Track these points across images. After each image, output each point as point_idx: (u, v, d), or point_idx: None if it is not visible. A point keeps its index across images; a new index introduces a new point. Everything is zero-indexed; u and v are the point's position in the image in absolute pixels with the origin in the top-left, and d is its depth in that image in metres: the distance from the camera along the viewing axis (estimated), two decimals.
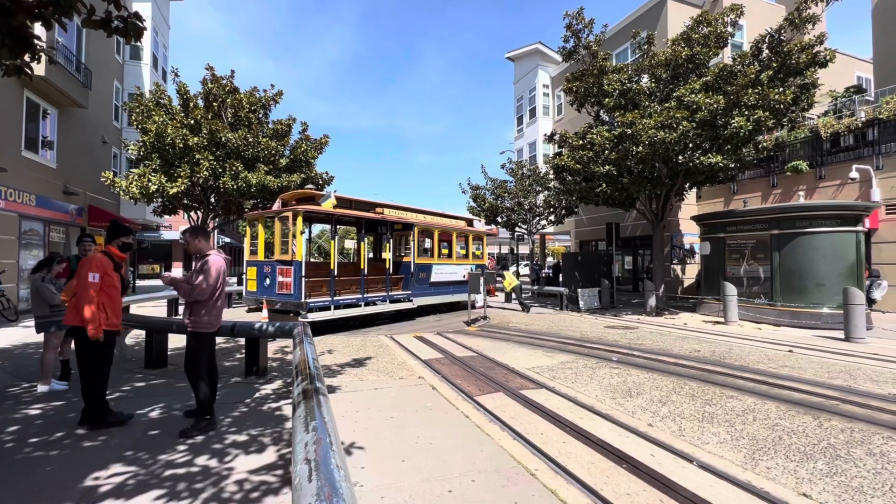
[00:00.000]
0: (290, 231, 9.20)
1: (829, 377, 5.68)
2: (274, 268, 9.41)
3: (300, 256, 9.04)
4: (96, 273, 3.74)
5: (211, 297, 3.76)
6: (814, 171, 13.57)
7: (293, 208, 9.31)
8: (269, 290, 9.44)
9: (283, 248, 9.47)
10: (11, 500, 2.58)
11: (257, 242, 10.27)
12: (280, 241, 9.62)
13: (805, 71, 10.22)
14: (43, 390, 4.72)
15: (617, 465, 3.21)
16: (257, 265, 9.91)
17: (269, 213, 10.12)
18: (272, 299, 9.30)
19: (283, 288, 9.17)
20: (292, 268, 9.07)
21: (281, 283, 9.18)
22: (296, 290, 9.02)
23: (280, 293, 9.21)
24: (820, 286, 10.02)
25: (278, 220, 9.64)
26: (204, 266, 3.72)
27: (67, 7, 2.86)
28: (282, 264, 9.27)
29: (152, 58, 19.41)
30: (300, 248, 9.04)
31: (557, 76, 24.04)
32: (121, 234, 4.09)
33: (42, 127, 12.58)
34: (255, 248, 10.37)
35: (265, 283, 9.58)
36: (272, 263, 9.53)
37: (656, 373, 5.92)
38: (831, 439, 3.68)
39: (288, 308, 9.16)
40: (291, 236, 9.12)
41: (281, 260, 9.37)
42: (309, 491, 1.27)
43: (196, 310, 3.74)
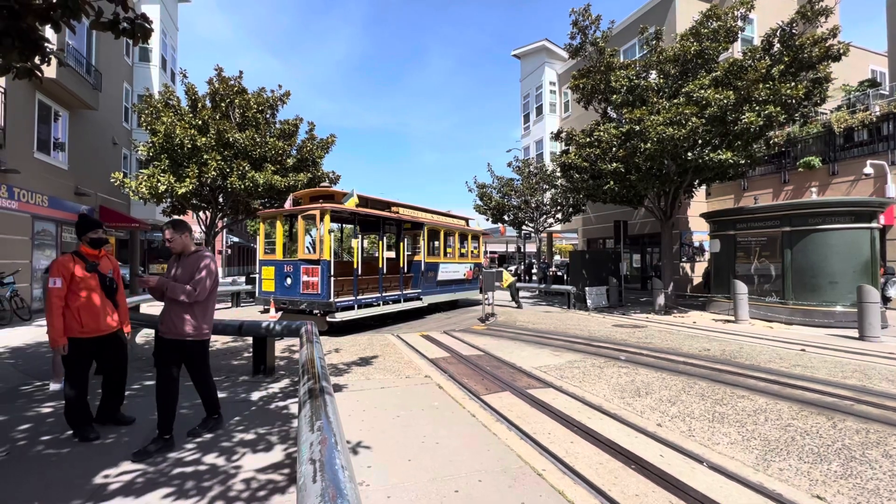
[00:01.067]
0: (316, 229, 8.99)
1: (843, 377, 5.58)
2: (297, 267, 9.08)
3: (328, 255, 8.83)
4: (56, 278, 3.39)
5: (209, 298, 3.50)
6: (827, 167, 13.34)
7: (321, 206, 9.04)
8: (291, 291, 9.13)
9: (307, 246, 9.23)
10: (24, 496, 2.61)
11: (274, 241, 9.91)
12: (304, 239, 9.38)
13: (818, 65, 10.03)
14: (55, 388, 4.75)
15: (625, 466, 3.18)
16: (275, 265, 9.54)
17: (290, 210, 9.72)
18: (295, 299, 9.03)
19: (308, 288, 8.86)
20: (320, 267, 8.78)
21: (307, 283, 8.88)
22: (323, 289, 8.74)
23: (305, 293, 8.91)
24: (833, 284, 9.85)
25: (302, 218, 9.29)
26: (201, 263, 3.43)
27: (76, 9, 2.88)
28: (307, 263, 8.94)
29: (161, 59, 19.59)
30: (328, 246, 8.84)
31: (564, 73, 23.88)
32: (87, 228, 3.65)
33: (54, 129, 12.75)
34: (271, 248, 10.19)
35: (285, 283, 9.24)
36: (295, 263, 9.19)
37: (665, 372, 5.86)
38: (846, 440, 3.61)
39: (314, 308, 8.88)
40: (318, 235, 8.90)
41: (307, 259, 9.05)
42: (313, 491, 1.26)
43: (194, 313, 3.41)
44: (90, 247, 3.63)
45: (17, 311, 10.11)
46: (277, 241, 9.85)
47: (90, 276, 3.52)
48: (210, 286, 3.44)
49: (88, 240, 3.62)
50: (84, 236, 3.63)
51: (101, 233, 3.69)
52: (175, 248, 3.49)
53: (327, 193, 10.26)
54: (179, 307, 3.37)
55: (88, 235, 3.62)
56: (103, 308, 3.59)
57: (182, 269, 3.43)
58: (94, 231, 3.65)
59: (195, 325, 3.41)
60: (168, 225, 3.51)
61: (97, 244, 3.66)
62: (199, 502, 2.56)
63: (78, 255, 3.56)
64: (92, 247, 3.64)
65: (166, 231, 3.48)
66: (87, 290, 3.48)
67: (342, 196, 9.92)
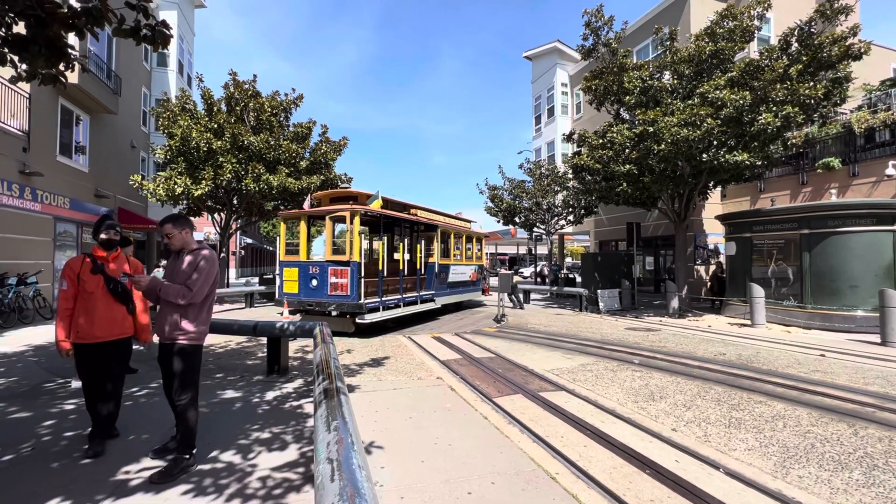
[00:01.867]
0: (347, 230, 8.91)
1: (864, 383, 5.44)
2: (324, 269, 8.94)
3: (357, 257, 8.73)
4: (63, 279, 3.24)
5: (206, 299, 3.18)
6: (846, 168, 13.04)
7: (351, 207, 8.98)
8: (317, 292, 8.97)
9: (334, 247, 9.08)
10: (48, 492, 2.68)
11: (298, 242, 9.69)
12: (332, 240, 9.29)
13: (837, 64, 9.83)
14: (77, 386, 4.91)
15: (640, 471, 3.15)
16: (300, 266, 9.32)
17: (317, 211, 9.61)
18: (322, 301, 8.87)
19: (337, 289, 8.74)
20: (349, 269, 8.69)
21: (335, 285, 8.76)
22: (353, 291, 8.64)
23: (333, 295, 8.78)
24: (854, 288, 9.62)
25: (330, 219, 9.18)
26: (200, 261, 3.12)
27: (99, 17, 2.96)
28: (336, 265, 8.83)
29: (178, 64, 19.99)
30: (357, 248, 8.75)
31: (576, 75, 23.75)
32: (98, 229, 3.43)
33: (75, 133, 13.10)
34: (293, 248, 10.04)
35: (310, 284, 9.06)
36: (322, 264, 9.05)
37: (680, 376, 5.78)
38: (868, 448, 3.52)
39: (343, 310, 8.77)
40: (349, 236, 8.82)
41: (336, 260, 8.93)
42: (332, 490, 1.28)
43: (189, 316, 3.08)
44: (101, 248, 3.43)
45: (40, 310, 10.40)
46: (301, 242, 9.67)
47: (95, 278, 3.30)
48: (208, 287, 3.15)
49: (99, 240, 3.42)
50: (97, 236, 3.45)
51: (112, 233, 3.44)
52: (174, 245, 3.22)
53: (349, 194, 10.16)
54: (171, 309, 3.09)
55: (100, 235, 3.42)
56: (106, 314, 3.31)
57: (180, 268, 3.15)
58: (105, 231, 3.42)
59: (185, 329, 3.08)
60: (167, 220, 3.21)
61: (108, 245, 3.43)
62: (218, 499, 2.60)
63: (90, 257, 3.39)
64: (103, 248, 3.42)
65: (165, 226, 3.18)
66: (88, 293, 3.27)
67: (366, 197, 9.86)
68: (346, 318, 8.96)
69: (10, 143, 10.28)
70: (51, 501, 2.57)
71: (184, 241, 3.20)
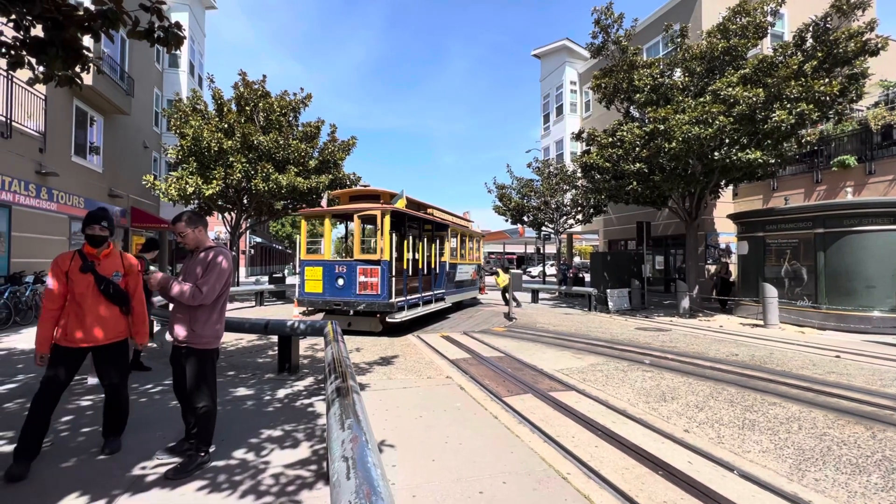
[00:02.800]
0: (378, 230, 8.86)
1: (882, 385, 5.34)
2: (353, 268, 8.81)
3: (388, 256, 8.70)
4: (50, 277, 2.98)
5: (218, 301, 3.06)
6: (863, 166, 12.79)
7: (382, 206, 8.95)
8: (345, 292, 8.82)
9: (363, 246, 8.98)
10: (66, 486, 2.73)
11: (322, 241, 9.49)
12: (360, 239, 9.22)
13: (853, 60, 9.65)
14: (93, 382, 4.98)
15: (652, 472, 3.12)
16: (324, 265, 9.10)
17: (344, 209, 9.45)
18: (350, 301, 8.76)
19: (367, 289, 8.67)
20: (380, 268, 8.62)
21: (364, 284, 8.67)
22: (383, 290, 8.58)
23: (363, 294, 8.69)
24: (870, 288, 9.44)
25: (358, 217, 9.05)
26: (213, 261, 2.99)
27: (115, 20, 3.00)
28: (365, 264, 8.76)
29: (189, 65, 20.22)
30: (388, 247, 8.72)
31: (585, 73, 23.59)
32: (84, 224, 3.13)
33: (89, 133, 13.32)
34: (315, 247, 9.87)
35: (336, 284, 8.89)
36: (349, 263, 8.91)
37: (692, 377, 5.72)
38: (886, 451, 3.46)
39: (374, 309, 8.70)
40: (379, 235, 8.78)
41: (365, 259, 8.86)
42: (348, 488, 1.29)
43: (200, 318, 2.99)
44: (89, 244, 3.12)
45: None
46: (325, 241, 9.50)
47: (84, 277, 3.04)
48: (220, 288, 3.01)
49: (86, 236, 3.12)
50: (83, 232, 3.15)
51: (98, 229, 3.12)
52: (188, 245, 3.09)
53: (370, 193, 10.07)
54: (182, 309, 3.01)
55: (86, 231, 3.12)
56: (94, 316, 3.05)
57: (193, 268, 3.04)
58: (91, 227, 3.10)
59: (197, 332, 2.98)
60: (178, 218, 3.08)
61: (95, 241, 3.12)
62: (232, 495, 2.63)
63: (80, 254, 3.11)
64: (90, 244, 3.11)
65: (177, 225, 3.05)
66: (76, 293, 3.01)
67: (388, 196, 9.82)
68: (373, 318, 8.93)
69: (26, 144, 10.48)
70: (69, 496, 2.61)
71: (197, 240, 3.09)
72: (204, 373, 3.02)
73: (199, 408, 2.98)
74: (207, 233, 3.22)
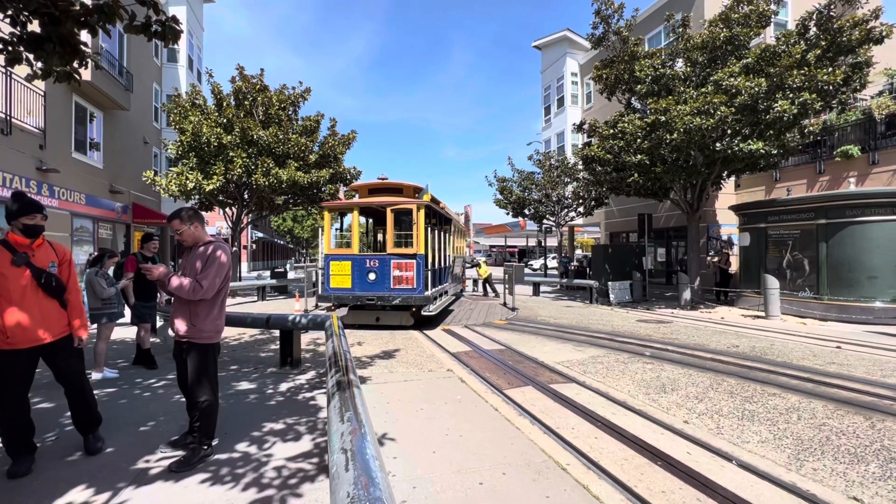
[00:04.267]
0: (414, 223, 8.81)
1: (882, 375, 5.35)
2: (386, 262, 8.76)
3: (423, 250, 8.73)
4: None
5: (218, 295, 3.05)
6: (866, 156, 12.69)
7: (417, 201, 8.97)
8: (377, 286, 8.76)
9: (396, 241, 9.01)
10: (72, 479, 2.77)
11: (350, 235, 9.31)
12: (394, 233, 9.08)
13: (857, 49, 9.55)
14: (97, 378, 5.03)
15: (651, 462, 3.14)
16: (353, 259, 8.93)
17: (376, 203, 9.32)
18: (384, 295, 8.70)
19: (402, 283, 8.67)
20: (415, 261, 8.63)
21: (399, 278, 8.67)
22: (419, 284, 8.64)
23: (397, 288, 8.68)
24: (872, 279, 9.42)
25: (391, 211, 8.93)
26: (212, 255, 2.97)
27: (111, 14, 2.99)
28: (401, 258, 8.71)
29: (188, 59, 20.12)
30: (423, 240, 8.76)
31: (586, 64, 23.39)
32: (20, 213, 2.81)
33: (89, 129, 13.30)
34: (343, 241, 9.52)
35: (367, 278, 8.81)
36: (382, 258, 8.86)
37: (692, 368, 5.74)
38: (885, 441, 3.47)
39: (410, 303, 8.70)
40: (415, 229, 8.77)
41: (401, 254, 8.79)
42: (346, 479, 1.31)
43: (200, 313, 2.98)
44: (23, 235, 2.83)
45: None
46: (353, 236, 9.27)
47: (18, 271, 2.76)
48: (220, 283, 3.00)
49: (21, 226, 2.81)
50: (16, 221, 2.81)
51: (40, 218, 2.88)
52: (186, 241, 3.07)
53: (391, 186, 9.94)
54: (184, 305, 3.01)
55: (21, 221, 2.80)
56: (37, 312, 2.82)
57: (192, 263, 3.03)
58: (31, 216, 2.82)
59: (198, 327, 2.98)
60: (174, 216, 3.02)
61: (32, 232, 2.85)
62: (234, 487, 2.67)
63: (4, 245, 2.78)
64: (25, 235, 2.83)
65: (173, 222, 3.00)
66: (11, 290, 2.73)
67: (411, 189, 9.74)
68: (404, 312, 8.92)
69: (27, 141, 10.48)
70: (75, 488, 2.65)
71: (195, 236, 3.07)
72: (205, 367, 3.03)
73: (200, 402, 3.00)
74: (204, 228, 3.19)
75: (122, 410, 4.07)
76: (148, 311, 5.74)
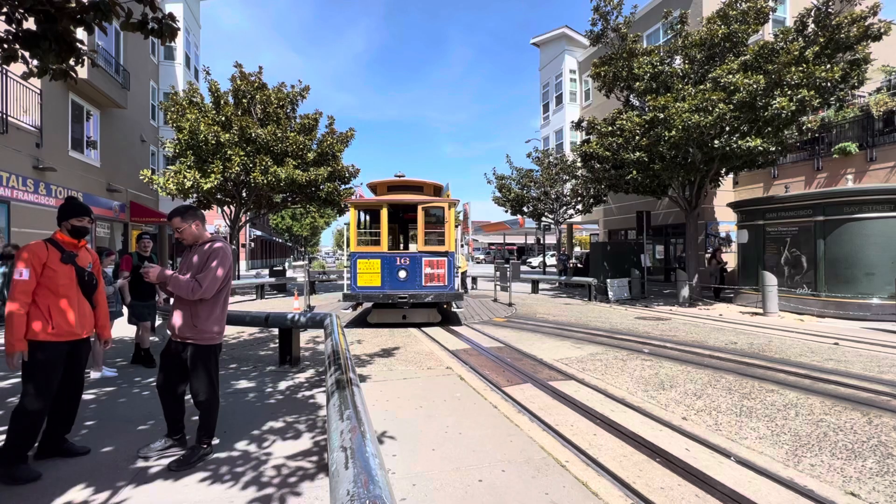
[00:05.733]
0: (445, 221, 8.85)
1: (879, 372, 5.38)
2: (417, 259, 8.79)
3: (453, 247, 8.92)
4: (24, 268, 2.77)
5: (219, 295, 3.02)
6: (864, 153, 12.72)
7: (448, 200, 9.10)
8: (408, 284, 8.76)
9: (427, 238, 9.01)
10: (71, 478, 2.77)
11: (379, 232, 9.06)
12: (424, 231, 9.06)
13: (856, 45, 9.55)
14: (96, 377, 5.03)
15: (650, 459, 3.16)
16: (382, 257, 8.83)
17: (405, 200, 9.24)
18: (417, 293, 8.68)
19: (433, 280, 8.76)
20: (447, 259, 8.76)
21: (431, 276, 8.75)
22: (450, 281, 8.78)
23: (429, 286, 8.74)
24: (870, 275, 9.46)
25: (422, 209, 8.97)
26: (212, 254, 2.96)
27: (107, 11, 2.97)
28: (431, 256, 8.76)
29: (185, 57, 20.03)
30: (453, 238, 8.95)
31: (584, 61, 23.36)
32: (70, 214, 3.02)
33: (86, 127, 13.25)
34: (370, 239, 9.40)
35: (398, 276, 8.76)
36: (413, 255, 8.90)
37: (690, 365, 5.76)
38: (882, 437, 3.49)
39: (441, 300, 8.81)
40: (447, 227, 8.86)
41: (432, 251, 8.82)
42: (346, 478, 1.31)
43: (202, 314, 2.96)
44: (70, 235, 3.03)
45: None
46: (382, 233, 9.04)
47: (66, 268, 2.94)
48: (220, 282, 2.98)
49: (70, 227, 3.01)
50: (66, 222, 3.01)
51: (87, 221, 3.09)
52: (186, 240, 3.06)
53: (410, 184, 9.87)
54: (183, 305, 2.98)
55: (71, 222, 3.01)
56: (78, 308, 3.00)
57: (191, 262, 3.00)
58: (80, 218, 3.04)
59: (198, 328, 2.95)
60: (174, 213, 3.02)
61: (79, 234, 3.06)
62: (234, 486, 2.67)
63: (53, 244, 2.95)
64: (73, 236, 3.03)
65: (173, 220, 3.00)
66: (60, 285, 2.90)
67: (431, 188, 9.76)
68: (431, 309, 9.03)
69: (23, 139, 10.43)
70: (75, 487, 2.65)
71: (195, 235, 3.05)
72: (207, 368, 3.01)
73: (202, 401, 2.99)
74: (205, 226, 3.17)
75: (122, 409, 4.07)
76: (147, 311, 5.73)
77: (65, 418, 3.08)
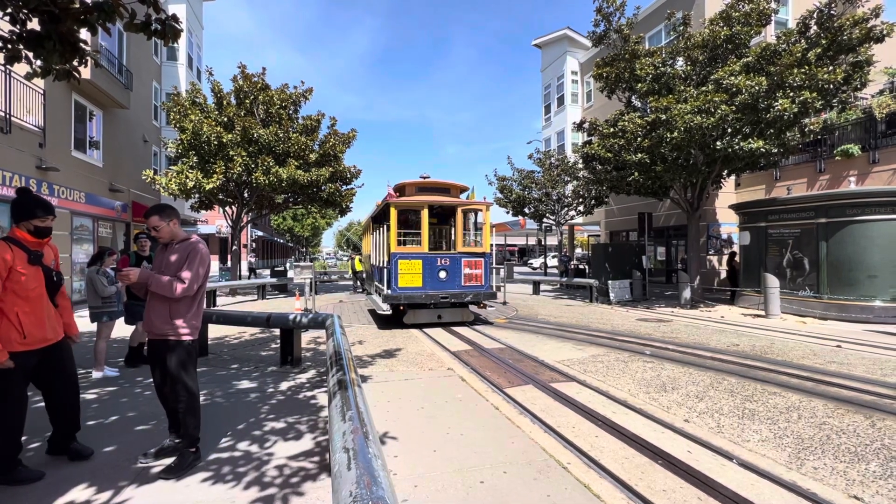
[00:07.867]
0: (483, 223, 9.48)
1: (882, 374, 5.36)
2: (457, 260, 9.07)
3: (489, 248, 9.36)
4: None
5: (197, 293, 3.03)
6: (866, 155, 12.68)
7: (486, 202, 9.65)
8: (448, 284, 9.01)
9: (465, 239, 9.49)
10: (73, 477, 2.78)
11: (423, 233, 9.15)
12: (462, 232, 9.51)
13: (858, 47, 9.53)
14: (97, 376, 5.04)
15: (652, 461, 3.15)
16: (423, 258, 8.93)
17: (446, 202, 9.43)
18: (456, 293, 8.95)
19: (471, 280, 9.12)
20: (483, 259, 9.19)
21: (469, 276, 9.10)
22: (486, 281, 9.23)
23: (468, 286, 9.09)
24: (872, 278, 9.42)
25: (461, 211, 9.46)
26: (192, 252, 2.97)
27: (111, 12, 2.98)
28: (469, 256, 9.13)
29: (188, 58, 20.08)
30: (488, 240, 9.48)
31: (586, 62, 23.36)
32: (32, 214, 2.76)
33: (89, 128, 13.27)
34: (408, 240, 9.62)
35: (438, 276, 8.95)
36: (453, 256, 9.11)
37: (692, 367, 5.74)
38: (885, 440, 3.48)
39: (478, 299, 9.17)
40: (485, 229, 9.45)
41: (471, 252, 9.22)
42: (349, 479, 1.31)
43: (181, 311, 2.95)
44: (35, 235, 2.80)
45: None
46: (423, 234, 9.10)
47: (34, 270, 2.73)
48: (201, 279, 3.01)
49: (33, 227, 2.77)
50: (26, 222, 2.75)
51: (50, 220, 2.85)
52: (163, 238, 3.05)
53: (438, 185, 9.94)
54: (160, 302, 2.94)
55: (34, 223, 2.76)
56: (49, 311, 2.85)
57: (169, 260, 2.99)
58: (42, 218, 2.79)
59: (177, 325, 2.94)
60: (152, 211, 2.99)
61: (44, 234, 2.84)
62: (236, 486, 2.67)
63: (15, 244, 2.69)
64: (38, 235, 2.82)
65: (151, 218, 2.97)
66: (30, 289, 2.70)
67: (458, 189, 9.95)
68: (464, 309, 9.36)
69: (26, 139, 10.45)
70: (76, 487, 2.66)
71: (172, 233, 3.05)
72: (184, 366, 2.94)
73: (181, 401, 2.92)
74: (180, 225, 3.16)
75: (124, 409, 4.08)
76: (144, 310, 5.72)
77: (70, 419, 3.03)
